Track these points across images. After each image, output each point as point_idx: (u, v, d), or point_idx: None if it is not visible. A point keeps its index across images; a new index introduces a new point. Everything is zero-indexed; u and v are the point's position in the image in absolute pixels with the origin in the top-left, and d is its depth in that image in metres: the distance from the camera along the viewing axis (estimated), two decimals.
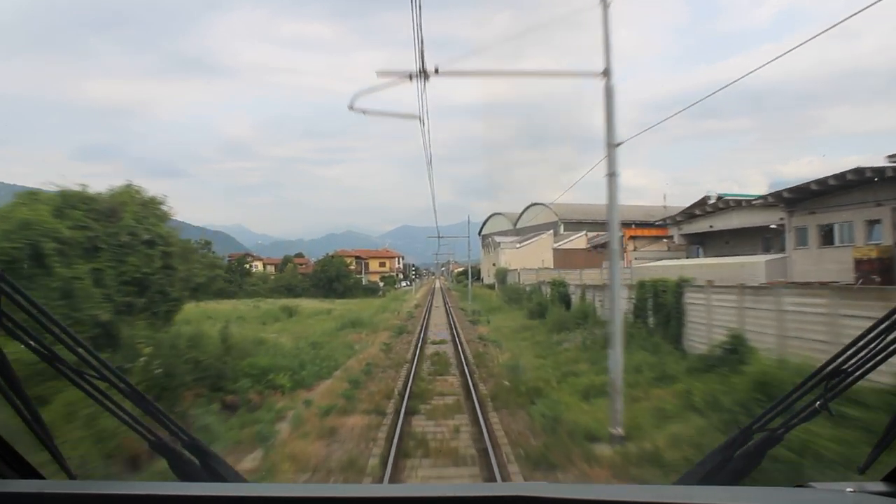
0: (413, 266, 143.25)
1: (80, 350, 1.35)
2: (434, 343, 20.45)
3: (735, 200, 34.74)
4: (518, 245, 54.29)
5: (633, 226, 62.18)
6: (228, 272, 78.04)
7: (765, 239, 34.42)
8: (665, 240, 65.16)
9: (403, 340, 21.11)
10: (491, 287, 57.30)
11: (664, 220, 47.43)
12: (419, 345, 19.15)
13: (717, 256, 35.70)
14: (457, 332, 23.11)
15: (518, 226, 69.77)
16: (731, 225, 35.04)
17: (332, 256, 77.28)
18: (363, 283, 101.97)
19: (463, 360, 15.94)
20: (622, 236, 48.74)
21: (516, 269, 45.52)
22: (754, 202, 32.55)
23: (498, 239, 59.99)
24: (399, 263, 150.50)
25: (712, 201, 42.24)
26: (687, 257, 51.58)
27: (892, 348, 1.23)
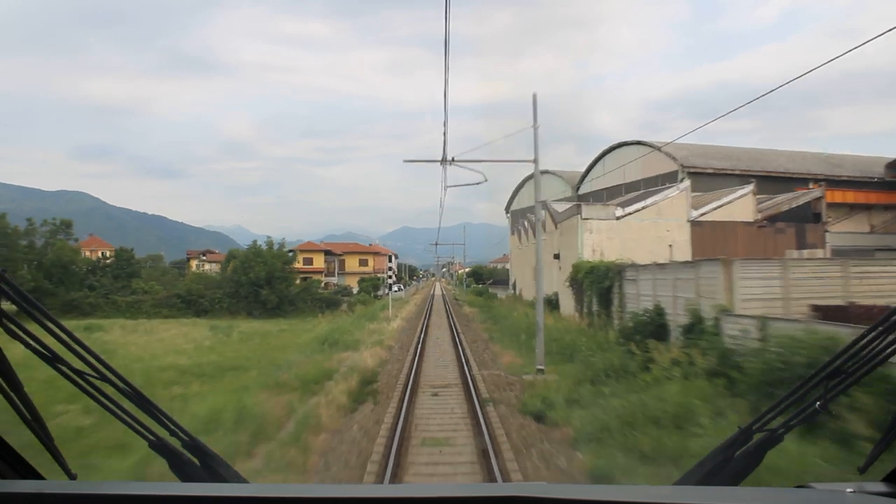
0: (391, 262, 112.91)
1: (81, 350, 1.33)
2: None
3: None
4: (619, 214, 24.35)
5: (818, 183, 32.20)
6: (92, 273, 48.03)
7: None
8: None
9: None
10: (550, 305, 27.44)
11: None
12: None
13: None
14: None
15: (582, 191, 39.73)
16: None
17: (271, 247, 46.66)
18: (336, 286, 71.92)
19: None
20: (819, 197, 17.01)
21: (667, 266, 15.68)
22: None
23: (555, 207, 29.91)
24: (391, 262, 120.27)
25: None
26: None
27: (892, 348, 1.22)
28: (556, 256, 27.56)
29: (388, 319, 30.04)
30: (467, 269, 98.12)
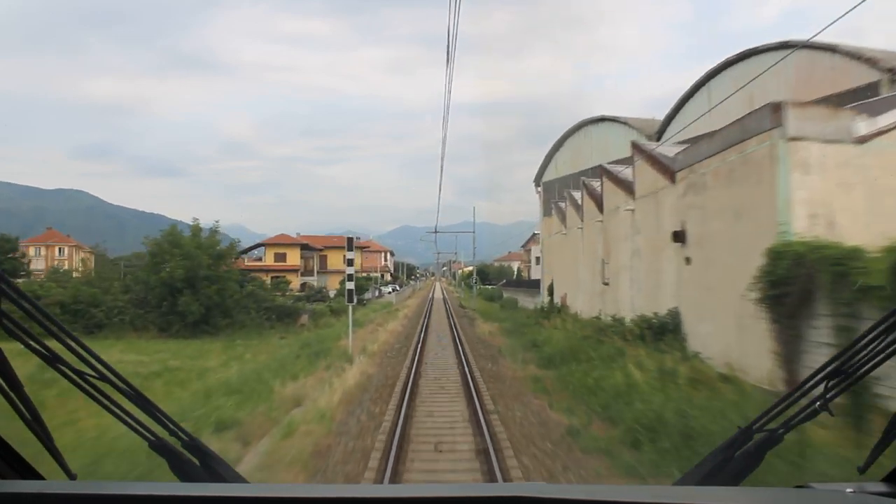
0: (351, 252, 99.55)
1: (81, 350, 1.31)
2: None
3: None
4: (864, 131, 10.67)
5: None
6: None
7: None
8: None
9: None
10: (659, 333, 13.66)
11: None
12: None
13: None
14: None
15: (666, 137, 25.86)
16: None
17: (196, 234, 32.53)
18: (313, 287, 58.15)
19: None
20: None
21: None
22: None
23: (659, 149, 16.05)
24: (385, 261, 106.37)
25: None
26: None
27: (892, 348, 1.20)
28: (678, 237, 13.74)
29: (348, 360, 16.11)
30: (473, 268, 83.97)
